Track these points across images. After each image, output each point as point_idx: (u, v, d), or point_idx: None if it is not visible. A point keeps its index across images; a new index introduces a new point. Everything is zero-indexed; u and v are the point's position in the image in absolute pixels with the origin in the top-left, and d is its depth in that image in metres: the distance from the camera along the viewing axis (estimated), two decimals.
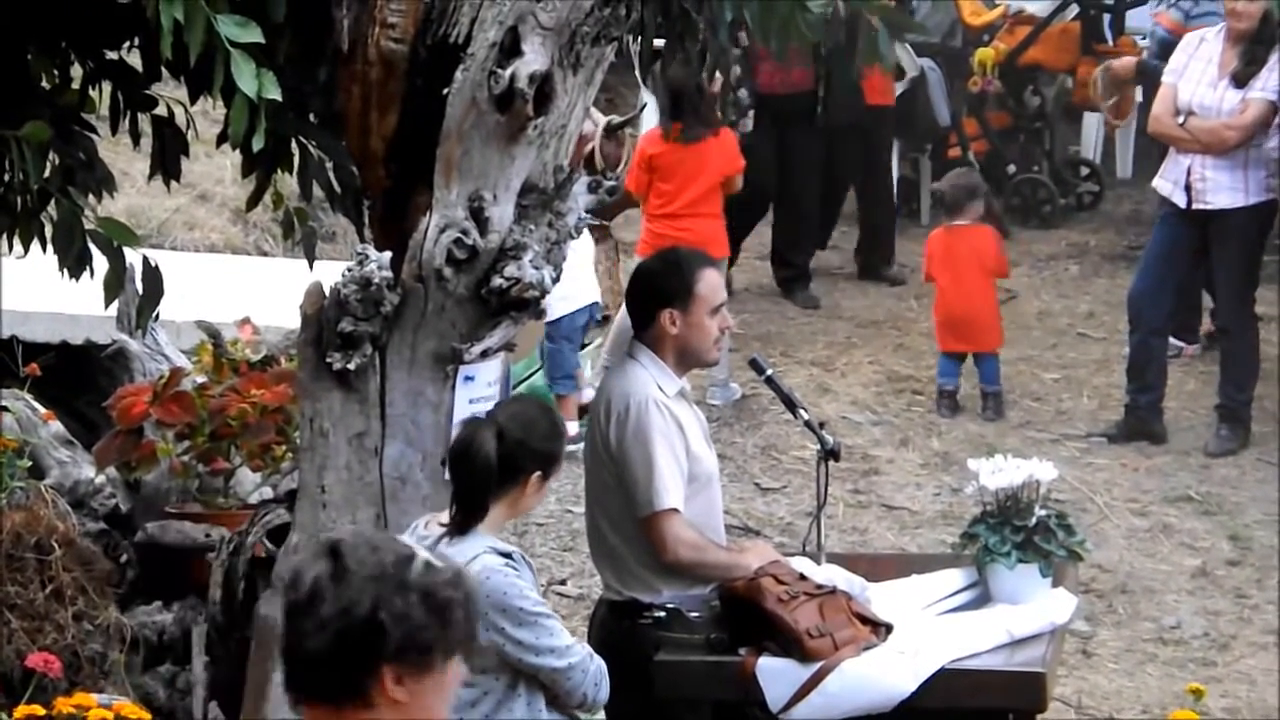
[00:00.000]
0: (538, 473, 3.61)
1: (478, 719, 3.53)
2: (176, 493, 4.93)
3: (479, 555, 3.51)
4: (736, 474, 6.87)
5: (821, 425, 4.46)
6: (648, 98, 7.49)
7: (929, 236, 7.78)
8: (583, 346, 7.73)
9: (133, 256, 3.80)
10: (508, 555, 3.55)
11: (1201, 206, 7.08)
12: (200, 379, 4.96)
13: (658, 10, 3.85)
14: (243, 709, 3.90)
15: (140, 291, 3.93)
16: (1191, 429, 7.39)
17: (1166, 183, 7.23)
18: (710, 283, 4.21)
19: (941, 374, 7.52)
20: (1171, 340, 7.74)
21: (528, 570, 3.58)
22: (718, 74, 7.17)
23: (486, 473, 3.53)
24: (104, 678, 4.51)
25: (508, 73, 3.57)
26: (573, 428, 6.91)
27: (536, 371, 7.21)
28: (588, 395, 7.14)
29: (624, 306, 7.28)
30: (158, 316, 4.05)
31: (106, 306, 3.93)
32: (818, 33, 3.91)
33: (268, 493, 4.75)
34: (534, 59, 3.58)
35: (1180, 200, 7.14)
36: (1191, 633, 6.10)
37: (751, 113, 8.26)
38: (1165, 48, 8.07)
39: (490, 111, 3.61)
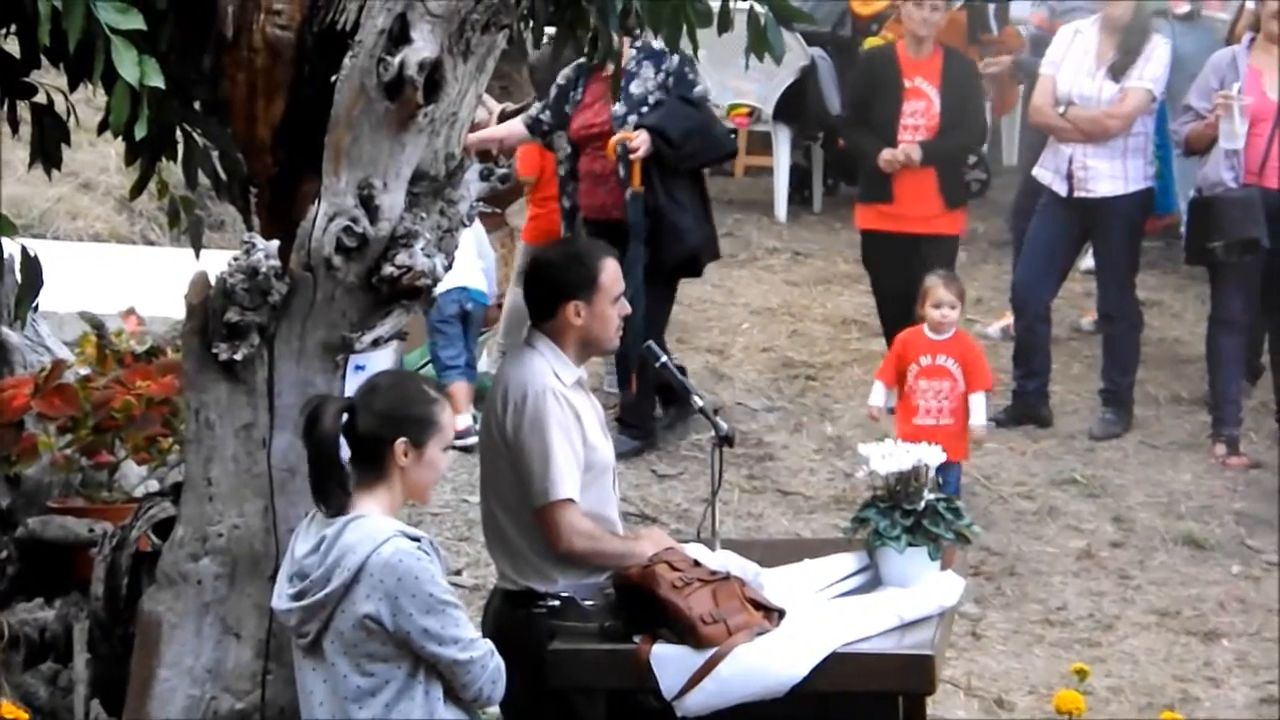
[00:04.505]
0: (402, 439, 3.55)
1: (378, 708, 3.50)
2: (59, 487, 4.85)
3: (391, 538, 3.49)
4: (633, 461, 6.88)
5: (716, 411, 4.49)
6: None
7: (898, 339, 6.59)
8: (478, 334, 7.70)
9: (11, 246, 3.73)
10: (417, 540, 3.53)
11: (1083, 195, 7.22)
12: (83, 371, 4.88)
13: None
14: (125, 706, 3.84)
15: (19, 281, 3.86)
16: (1076, 413, 7.52)
17: (1047, 172, 7.35)
18: (611, 272, 4.22)
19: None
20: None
21: (437, 557, 3.56)
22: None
23: (328, 446, 3.49)
24: None
25: (397, 60, 3.54)
26: (464, 420, 6.87)
27: (430, 362, 7.17)
28: None
29: (511, 291, 7.31)
30: (37, 307, 3.97)
31: None
32: (706, 23, 3.91)
33: (154, 486, 4.69)
34: (423, 46, 3.55)
35: (1061, 189, 7.26)
36: (1077, 614, 6.21)
37: None
38: (1037, 44, 8.20)
39: (379, 99, 3.58)
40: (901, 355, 6.48)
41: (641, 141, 6.63)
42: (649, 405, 7.03)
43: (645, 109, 6.69)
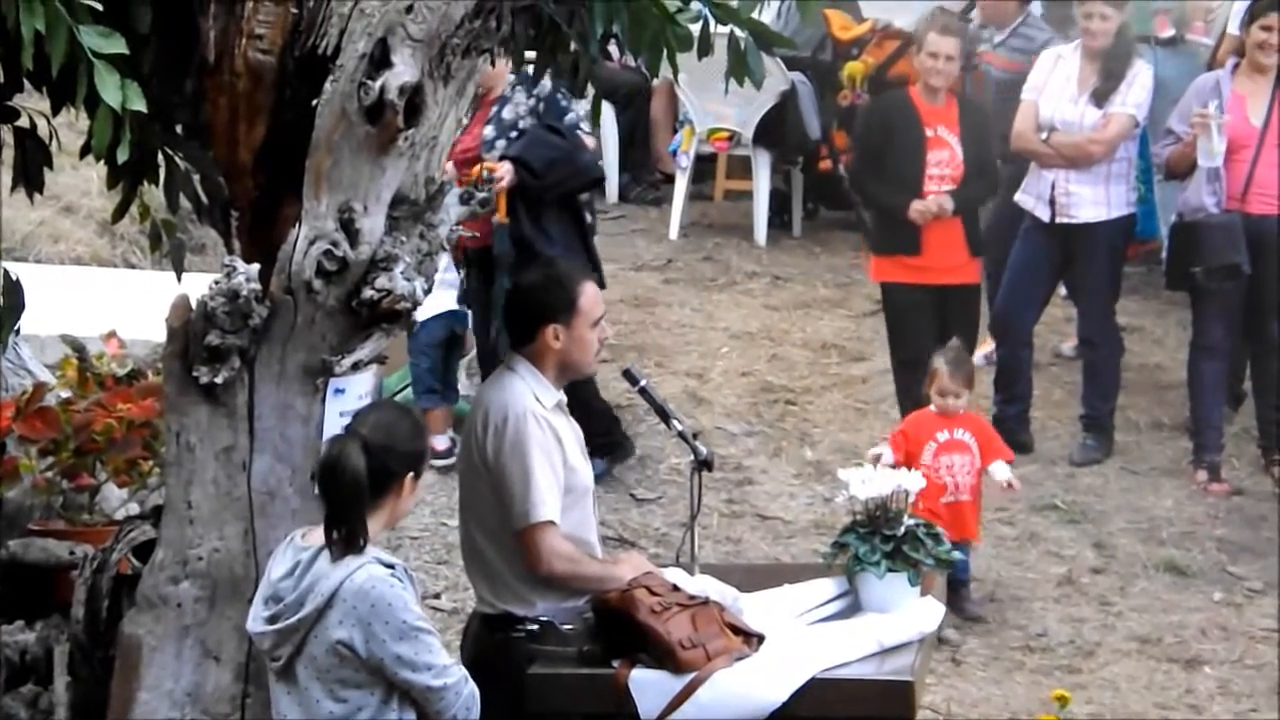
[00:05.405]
0: (409, 474, 3.61)
1: None
2: (40, 510, 4.84)
3: (364, 565, 3.50)
4: (612, 485, 6.88)
5: (695, 436, 4.50)
6: None
7: (906, 420, 6.48)
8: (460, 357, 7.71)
9: None
10: (391, 567, 3.54)
11: (1065, 220, 7.24)
12: (65, 394, 4.88)
13: (528, 23, 3.85)
14: None
15: (1, 304, 3.86)
16: (1057, 438, 7.53)
17: (1029, 197, 7.37)
18: (591, 296, 4.24)
19: None
20: None
21: (410, 584, 3.57)
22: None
23: (358, 488, 3.51)
24: None
25: (378, 84, 3.56)
26: (442, 441, 6.87)
27: (408, 386, 7.17)
28: None
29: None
30: (19, 330, 3.97)
31: None
32: (687, 47, 3.94)
33: (134, 509, 4.68)
34: (404, 70, 3.57)
35: (1044, 214, 7.28)
36: (1057, 640, 6.21)
37: None
38: (1002, 88, 8.03)
39: (360, 123, 3.59)
40: (912, 438, 6.24)
41: (505, 171, 6.50)
42: (613, 420, 6.96)
43: (514, 134, 6.60)
